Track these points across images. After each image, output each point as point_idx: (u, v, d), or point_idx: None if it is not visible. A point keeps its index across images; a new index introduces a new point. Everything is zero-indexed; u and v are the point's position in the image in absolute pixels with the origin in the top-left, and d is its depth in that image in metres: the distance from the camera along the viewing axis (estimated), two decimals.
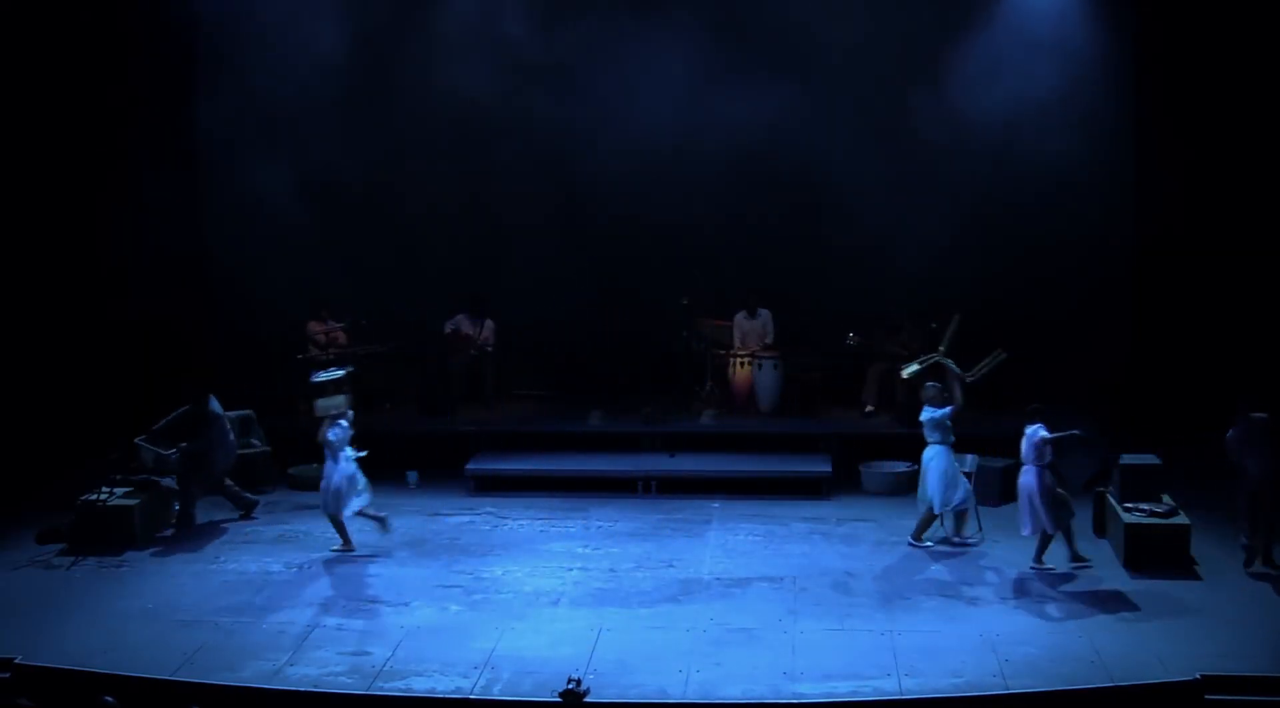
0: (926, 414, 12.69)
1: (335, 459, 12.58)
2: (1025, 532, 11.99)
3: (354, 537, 13.16)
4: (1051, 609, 11.03)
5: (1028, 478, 11.87)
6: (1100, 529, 12.82)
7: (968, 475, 13.10)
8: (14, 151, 15.57)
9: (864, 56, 16.29)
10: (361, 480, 12.69)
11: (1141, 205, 16.29)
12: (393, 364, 16.80)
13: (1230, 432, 11.95)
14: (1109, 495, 12.61)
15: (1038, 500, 11.77)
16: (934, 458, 12.64)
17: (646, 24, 16.47)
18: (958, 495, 12.64)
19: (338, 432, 12.64)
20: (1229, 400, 14.97)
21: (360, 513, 12.76)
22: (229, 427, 13.88)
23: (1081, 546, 12.43)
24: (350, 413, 12.84)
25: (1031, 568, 11.91)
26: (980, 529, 13.01)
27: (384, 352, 16.69)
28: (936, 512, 12.68)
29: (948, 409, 12.62)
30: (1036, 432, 11.88)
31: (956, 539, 12.80)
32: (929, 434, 12.71)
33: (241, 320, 16.64)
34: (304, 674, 9.92)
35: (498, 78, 16.59)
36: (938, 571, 12.04)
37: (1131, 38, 16.16)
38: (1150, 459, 12.51)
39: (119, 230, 15.88)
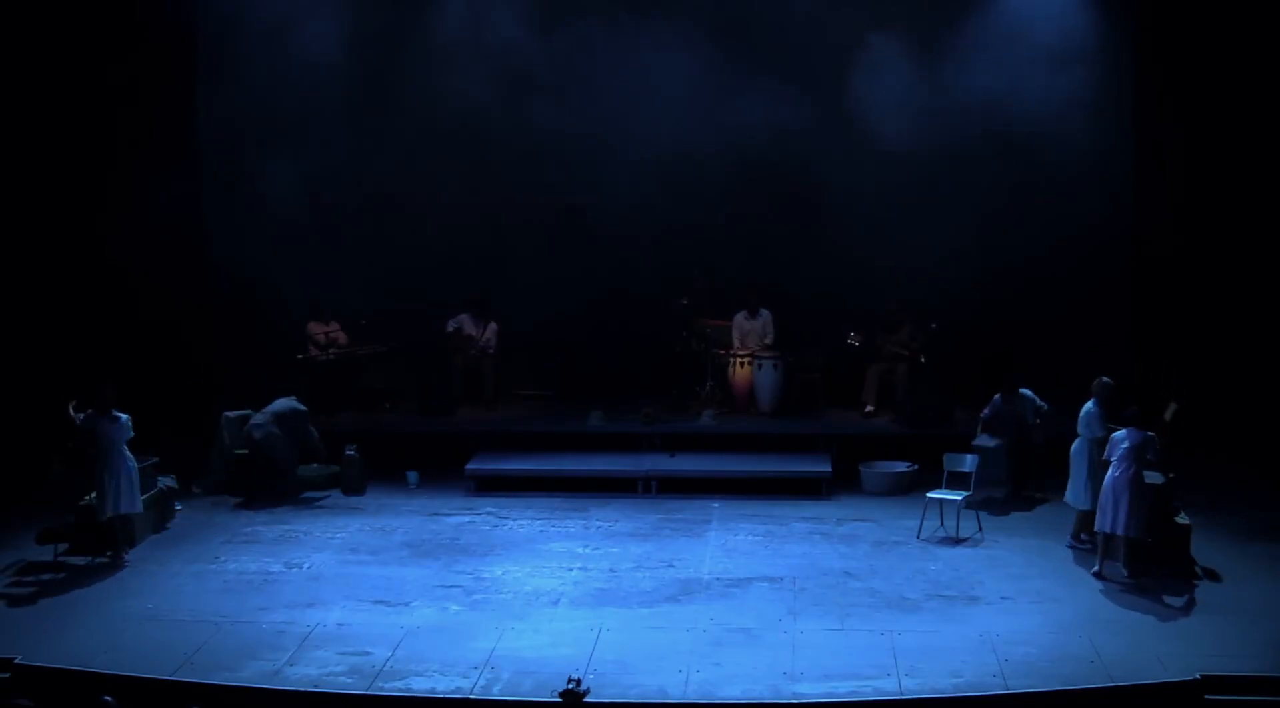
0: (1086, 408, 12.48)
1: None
2: (1115, 531, 11.56)
3: (355, 538, 13.18)
4: (1051, 609, 11.01)
5: (1121, 476, 11.55)
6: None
7: (966, 476, 13.11)
8: (15, 154, 15.58)
9: (863, 57, 16.31)
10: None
11: (1141, 204, 16.32)
12: (393, 364, 16.82)
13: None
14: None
15: (1125, 500, 11.48)
16: (1078, 454, 12.52)
17: (646, 27, 16.52)
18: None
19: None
20: (1228, 401, 15.09)
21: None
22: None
23: (1082, 546, 12.56)
24: None
25: (1111, 578, 11.68)
26: (980, 529, 13.03)
27: (384, 352, 16.71)
28: (1084, 508, 12.45)
29: (1101, 431, 12.28)
30: (1141, 435, 11.58)
31: (1085, 538, 12.53)
32: (1080, 428, 12.53)
33: (242, 320, 16.66)
34: (304, 674, 9.91)
35: (499, 80, 16.63)
36: (938, 571, 12.03)
37: (1132, 39, 16.19)
38: (1155, 477, 12.24)
39: (120, 230, 15.87)
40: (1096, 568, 11.75)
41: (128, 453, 12.51)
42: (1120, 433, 11.68)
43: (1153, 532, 11.65)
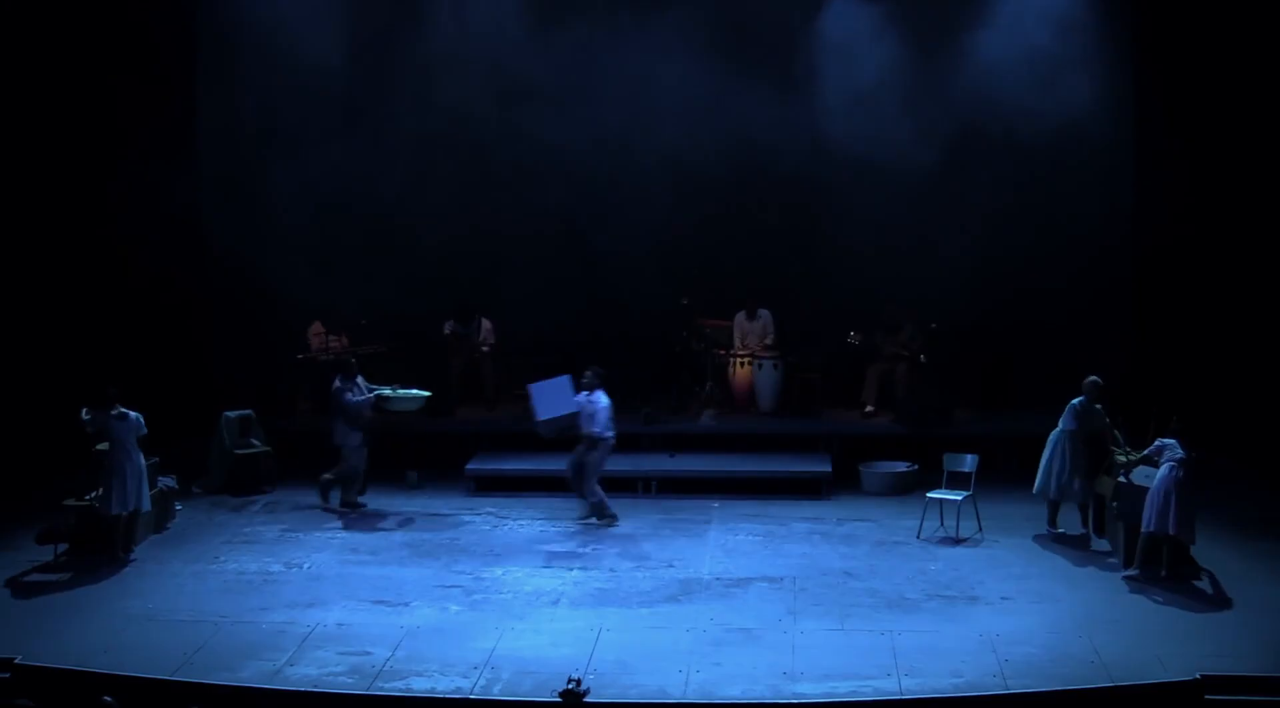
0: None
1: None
2: (1164, 531, 11.53)
3: (355, 538, 13.20)
4: (1051, 609, 11.01)
5: (1169, 478, 11.52)
6: (1100, 529, 12.82)
7: (967, 476, 13.11)
8: (17, 156, 15.57)
9: (863, 59, 16.31)
10: None
11: (1141, 206, 16.32)
12: (393, 364, 16.80)
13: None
14: (1109, 498, 12.58)
15: (1173, 501, 11.46)
16: (1051, 443, 12.84)
17: (645, 26, 16.52)
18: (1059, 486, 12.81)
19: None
20: (1228, 401, 15.10)
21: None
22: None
23: (1082, 546, 12.62)
24: None
25: (1129, 574, 11.73)
26: (980, 529, 13.04)
27: (384, 352, 16.70)
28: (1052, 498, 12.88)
29: (1072, 425, 12.70)
30: (1175, 448, 11.60)
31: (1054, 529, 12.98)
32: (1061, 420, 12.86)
33: (242, 321, 16.67)
34: (304, 674, 9.91)
35: (499, 83, 16.65)
36: (938, 570, 12.03)
37: (1132, 40, 16.18)
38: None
39: (122, 231, 15.88)
40: (1134, 571, 11.66)
41: (135, 451, 12.50)
42: (1170, 441, 11.67)
43: (1193, 534, 11.64)
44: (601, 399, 13.43)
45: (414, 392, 14.50)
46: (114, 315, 16.06)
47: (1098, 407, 12.70)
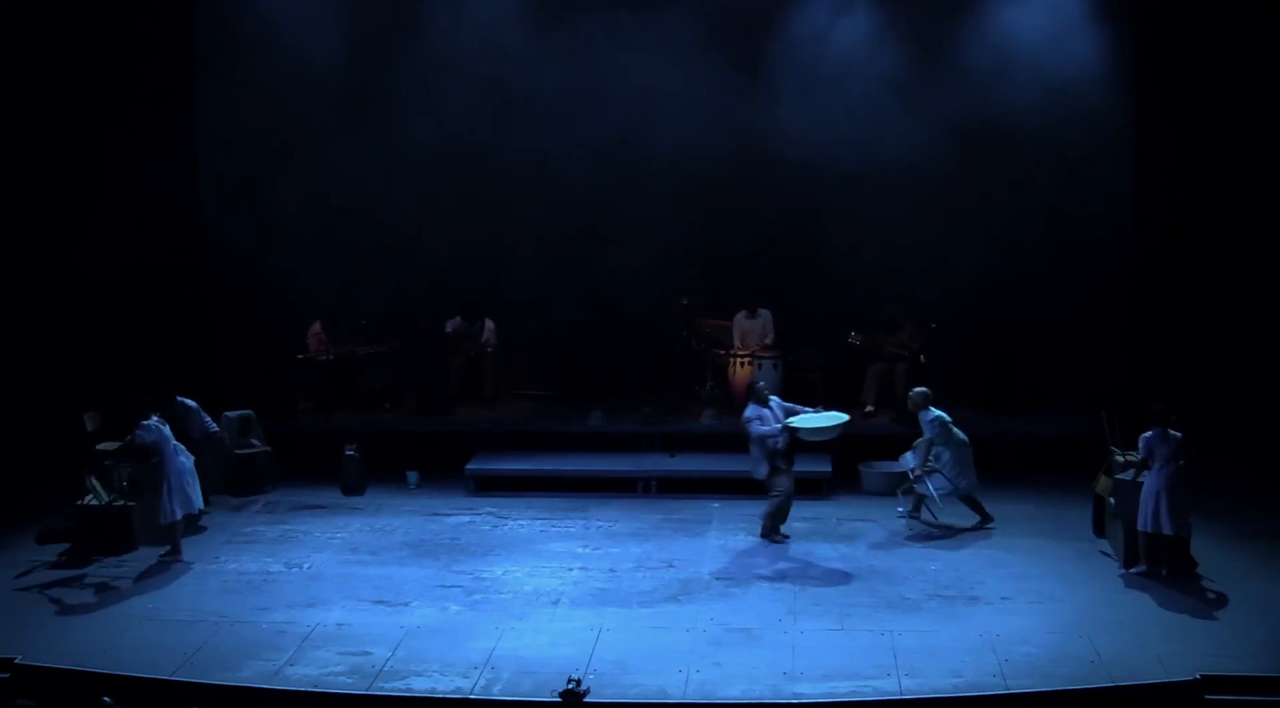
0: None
1: None
2: (1159, 530, 11.57)
3: (355, 538, 13.19)
4: (1051, 609, 11.01)
5: (1160, 475, 11.56)
6: (1100, 530, 12.82)
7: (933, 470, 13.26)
8: (16, 156, 15.57)
9: (863, 59, 16.31)
10: None
11: (1140, 206, 16.32)
12: (393, 364, 16.81)
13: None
14: (1109, 497, 12.58)
15: (1165, 500, 11.52)
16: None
17: (647, 28, 16.51)
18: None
19: None
20: (1228, 402, 15.08)
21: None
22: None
23: (1082, 546, 12.59)
24: None
25: (1134, 571, 11.77)
26: (980, 529, 13.04)
27: (384, 352, 16.71)
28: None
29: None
30: (1158, 442, 11.61)
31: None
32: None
33: (242, 321, 16.67)
34: (304, 674, 9.91)
35: (497, 81, 16.65)
36: (938, 570, 12.03)
37: (1132, 42, 16.17)
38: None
39: (120, 232, 15.88)
40: (1140, 568, 11.70)
41: (180, 454, 12.54)
42: (1149, 434, 11.67)
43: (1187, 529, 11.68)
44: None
45: (826, 418, 13.05)
46: (114, 316, 16.06)
47: (933, 415, 13.15)
